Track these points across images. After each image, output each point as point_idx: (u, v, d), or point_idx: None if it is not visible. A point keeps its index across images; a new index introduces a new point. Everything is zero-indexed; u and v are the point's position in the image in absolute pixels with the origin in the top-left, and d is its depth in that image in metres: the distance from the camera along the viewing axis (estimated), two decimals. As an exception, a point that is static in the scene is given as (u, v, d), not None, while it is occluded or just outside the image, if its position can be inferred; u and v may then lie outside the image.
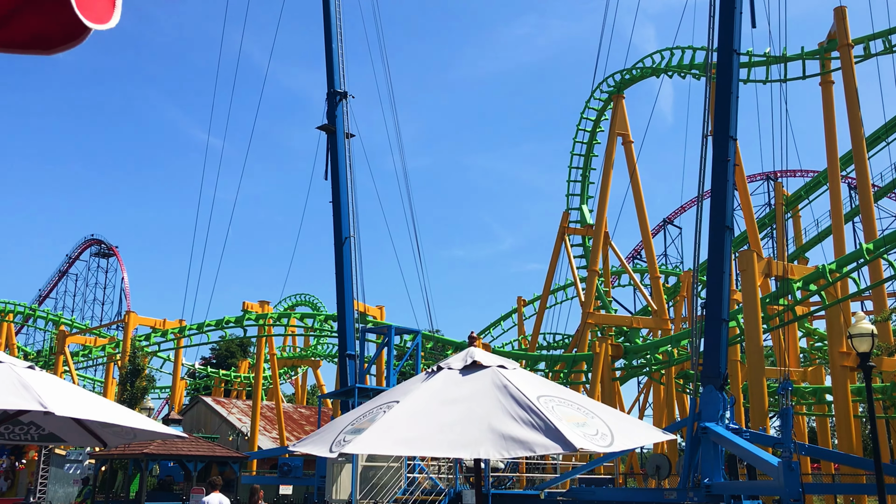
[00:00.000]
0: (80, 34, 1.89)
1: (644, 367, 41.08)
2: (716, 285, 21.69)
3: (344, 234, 31.16)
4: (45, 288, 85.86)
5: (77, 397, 6.67)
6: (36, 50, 1.94)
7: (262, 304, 47.93)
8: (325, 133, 31.82)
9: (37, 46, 1.93)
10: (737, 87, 22.85)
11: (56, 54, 1.96)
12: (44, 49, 1.93)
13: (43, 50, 1.93)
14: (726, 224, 21.93)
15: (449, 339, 42.95)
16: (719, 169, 22.20)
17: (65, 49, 1.92)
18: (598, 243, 41.97)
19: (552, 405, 5.42)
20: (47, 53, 1.94)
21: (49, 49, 1.93)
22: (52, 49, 1.93)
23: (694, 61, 40.19)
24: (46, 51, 1.93)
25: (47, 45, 1.91)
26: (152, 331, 47.72)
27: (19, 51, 1.94)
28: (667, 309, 43.19)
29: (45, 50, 1.93)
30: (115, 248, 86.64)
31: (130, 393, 36.28)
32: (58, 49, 1.92)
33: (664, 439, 6.59)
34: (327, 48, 32.57)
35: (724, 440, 20.12)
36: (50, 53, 1.95)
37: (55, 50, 1.93)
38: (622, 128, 42.52)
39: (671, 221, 73.36)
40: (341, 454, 5.46)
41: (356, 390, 28.72)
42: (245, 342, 66.49)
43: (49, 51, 1.94)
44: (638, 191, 41.96)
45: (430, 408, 5.65)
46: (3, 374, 6.11)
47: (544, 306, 46.68)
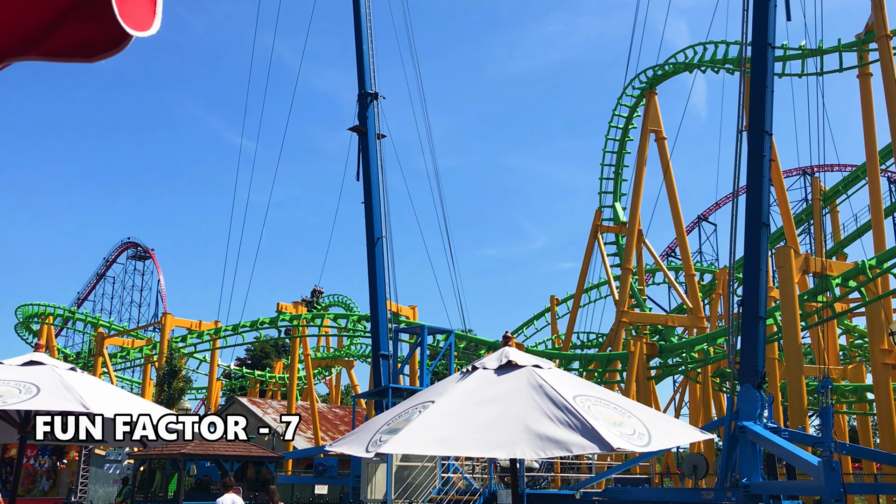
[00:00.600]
0: (121, 41, 1.91)
1: (680, 365, 40.68)
2: (752, 282, 21.43)
3: (376, 234, 31.28)
4: (83, 291, 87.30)
5: (117, 398, 6.78)
6: (79, 58, 1.97)
7: (296, 305, 48.30)
8: (356, 134, 31.97)
9: (80, 54, 1.95)
10: (772, 81, 22.54)
11: (98, 61, 1.99)
12: (87, 57, 1.95)
13: (86, 58, 1.96)
14: (762, 220, 21.66)
15: (482, 339, 42.92)
16: (755, 164, 21.93)
17: (107, 56, 1.95)
18: (631, 241, 41.63)
19: (588, 405, 5.39)
20: (90, 61, 1.97)
21: (92, 57, 1.96)
22: (94, 57, 1.95)
23: (728, 56, 39.71)
24: (89, 58, 1.96)
25: (90, 53, 1.94)
26: (188, 332, 48.33)
27: (63, 59, 1.98)
28: (702, 307, 42.71)
29: (88, 58, 1.96)
30: (151, 251, 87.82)
31: (168, 394, 36.84)
32: (100, 56, 1.95)
33: (701, 439, 6.53)
34: (358, 50, 32.72)
35: (763, 439, 19.87)
36: (92, 61, 1.97)
37: (98, 57, 1.96)
38: (655, 124, 42.13)
39: (706, 218, 72.53)
40: (377, 454, 5.49)
41: (390, 390, 28.82)
42: (279, 343, 67.03)
43: (92, 58, 1.96)
44: (671, 187, 41.56)
45: (465, 408, 5.65)
46: (47, 376, 6.24)
47: (578, 305, 46.43)
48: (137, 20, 1.88)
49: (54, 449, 29.72)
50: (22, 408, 6.07)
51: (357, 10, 32.76)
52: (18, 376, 6.23)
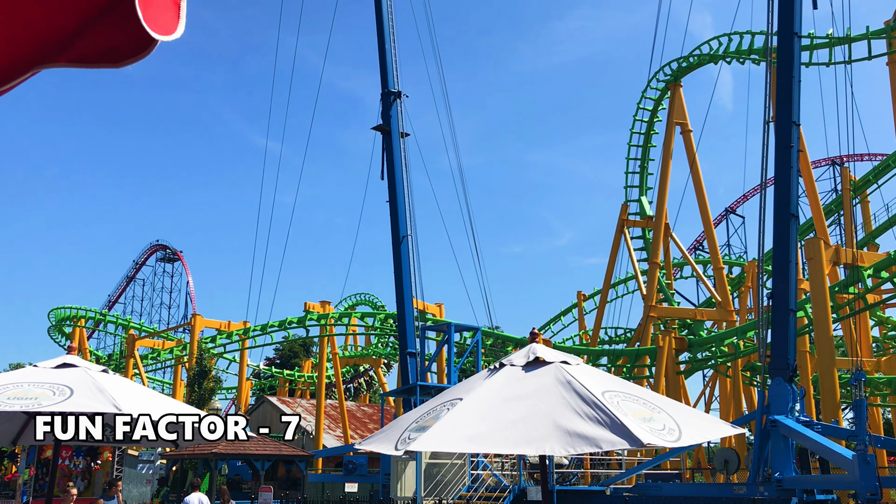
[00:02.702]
0: (147, 46, 1.92)
1: (709, 360, 40.34)
2: (782, 275, 21.22)
3: (401, 232, 31.35)
4: (114, 293, 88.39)
5: (149, 399, 6.86)
6: (106, 64, 1.98)
7: (323, 305, 48.54)
8: (380, 133, 32.06)
9: (106, 60, 1.97)
10: (798, 70, 22.27)
11: (124, 67, 2.00)
12: (113, 62, 1.97)
13: (112, 63, 1.97)
14: (791, 212, 21.42)
15: (509, 336, 42.85)
16: (782, 155, 21.69)
17: (133, 61, 1.96)
18: (658, 235, 41.33)
19: (618, 400, 5.37)
20: (117, 66, 1.98)
21: (118, 62, 1.97)
22: (121, 62, 1.97)
23: (753, 46, 39.26)
24: (116, 64, 1.97)
25: (117, 59, 1.95)
26: (217, 333, 48.75)
27: (90, 65, 1.99)
28: (731, 300, 42.31)
29: (114, 63, 1.97)
30: (179, 253, 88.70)
31: (198, 394, 37.18)
32: (127, 62, 1.96)
33: (733, 433, 6.47)
34: (380, 48, 32.80)
35: (795, 433, 19.67)
36: (119, 66, 1.99)
37: (124, 63, 1.97)
38: (680, 117, 41.78)
39: (733, 211, 71.83)
40: (407, 452, 5.50)
41: (418, 388, 28.89)
42: (308, 342, 67.41)
43: (118, 64, 1.97)
44: (698, 180, 41.19)
45: (494, 405, 5.64)
46: (80, 379, 6.33)
47: (605, 300, 46.19)
48: (162, 24, 1.89)
49: (88, 450, 30.14)
50: (56, 410, 6.16)
51: (379, 9, 32.83)
52: (52, 379, 6.33)
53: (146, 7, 1.84)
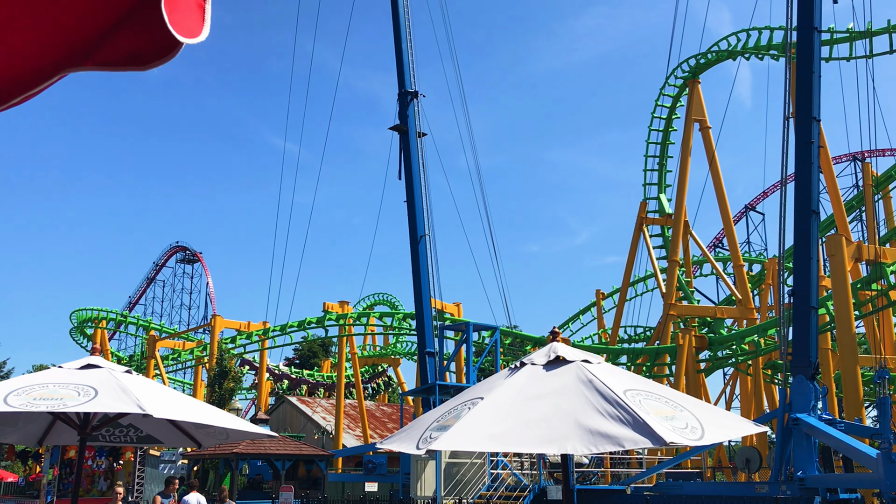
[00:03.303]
0: (172, 49, 1.94)
1: (730, 358, 40.07)
2: (803, 272, 21.04)
3: (419, 232, 31.39)
4: (134, 295, 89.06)
5: (172, 400, 6.91)
6: (132, 67, 2.00)
7: (342, 305, 48.67)
8: (397, 133, 32.12)
9: (133, 63, 1.99)
10: (819, 65, 22.07)
11: (150, 70, 2.02)
12: (139, 66, 1.98)
13: (138, 66, 1.99)
14: (812, 208, 21.24)
15: (527, 335, 42.78)
16: (803, 152, 21.51)
17: (159, 64, 1.98)
18: (677, 233, 41.10)
19: (639, 399, 5.34)
20: (142, 69, 2.00)
21: (144, 65, 1.99)
22: (146, 65, 1.98)
23: (772, 42, 38.94)
24: (142, 67, 1.99)
25: (143, 62, 1.97)
26: (237, 333, 49.01)
27: (116, 68, 2.01)
28: (752, 298, 41.99)
29: (140, 66, 1.99)
30: (199, 254, 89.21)
31: (219, 394, 37.42)
32: (152, 65, 1.98)
33: (756, 431, 6.43)
34: (397, 48, 32.86)
35: (818, 431, 19.50)
36: (145, 69, 2.00)
37: (150, 66, 1.99)
38: (699, 113, 41.50)
39: (753, 208, 71.29)
40: (428, 451, 5.50)
41: (437, 387, 28.92)
42: (327, 342, 67.65)
43: (144, 67, 1.99)
44: (717, 177, 40.91)
45: (515, 404, 5.63)
46: (104, 380, 6.39)
47: (624, 299, 45.99)
48: (187, 27, 1.91)
49: (111, 450, 30.42)
50: (81, 410, 6.22)
51: (395, 9, 32.88)
52: (77, 379, 6.39)
53: (171, 10, 1.86)
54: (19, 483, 36.38)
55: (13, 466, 43.62)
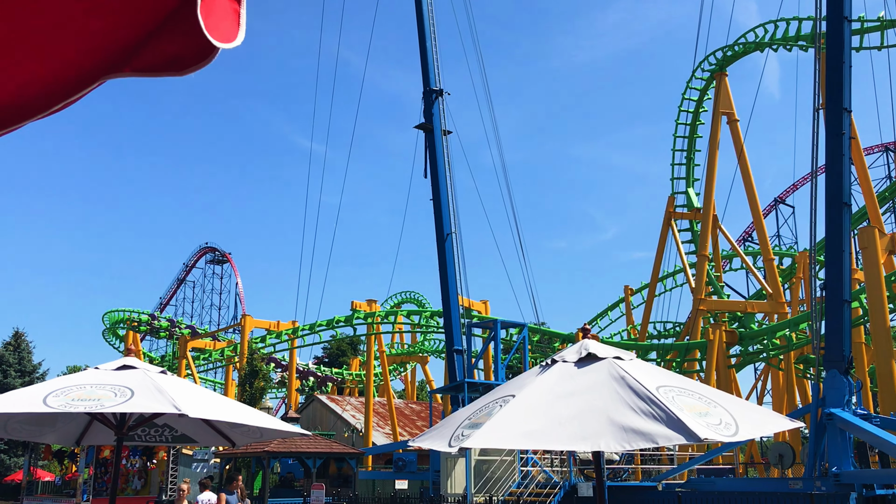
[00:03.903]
0: (209, 54, 1.95)
1: (761, 352, 39.63)
2: (835, 265, 20.76)
3: (445, 230, 31.40)
4: (165, 296, 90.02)
5: (207, 399, 6.98)
6: (169, 72, 2.02)
7: (369, 303, 48.84)
8: (422, 132, 32.15)
9: (170, 69, 2.01)
10: (849, 55, 21.76)
11: (187, 75, 2.04)
12: (177, 71, 2.01)
13: (176, 72, 2.01)
14: (844, 200, 20.95)
15: (556, 332, 42.63)
16: (833, 143, 21.21)
17: (196, 69, 1.99)
18: (706, 227, 40.71)
19: (672, 395, 5.31)
20: (180, 74, 2.02)
21: (181, 70, 2.01)
22: (184, 70, 2.00)
23: (800, 33, 38.43)
24: (179, 72, 2.01)
25: (180, 67, 1.99)
26: (267, 333, 49.36)
27: (154, 74, 2.04)
28: (783, 292, 41.49)
29: (177, 72, 2.01)
30: (228, 255, 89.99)
31: (249, 393, 37.71)
32: (189, 70, 2.00)
33: (791, 427, 6.36)
34: (421, 47, 32.89)
35: (852, 426, 19.24)
36: (182, 74, 2.02)
37: (187, 71, 2.01)
38: (727, 106, 41.06)
39: (783, 200, 70.46)
40: (461, 448, 5.51)
41: (465, 385, 28.93)
42: (355, 340, 67.94)
43: (181, 72, 2.01)
44: (746, 170, 40.46)
45: (546, 401, 5.62)
46: (140, 380, 6.47)
47: (653, 294, 45.65)
48: (223, 32, 1.93)
49: (144, 449, 30.81)
50: (118, 410, 6.31)
51: (419, 8, 32.91)
52: (113, 380, 6.48)
53: (207, 15, 1.88)
54: (56, 482, 37.02)
55: (50, 466, 44.38)
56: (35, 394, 6.22)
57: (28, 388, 6.64)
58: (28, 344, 59.50)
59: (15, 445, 53.23)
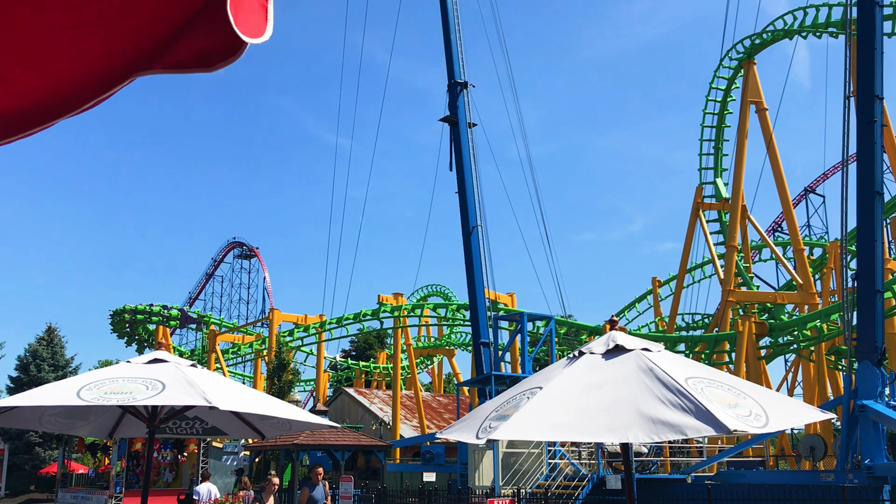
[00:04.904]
0: (238, 50, 1.97)
1: (791, 344, 39.21)
2: (868, 254, 20.47)
3: (471, 223, 31.39)
4: (194, 291, 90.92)
5: (237, 392, 7.06)
6: (199, 69, 2.04)
7: (396, 297, 48.98)
8: (448, 124, 32.14)
9: (199, 65, 2.02)
10: (881, 41, 21.40)
11: (216, 70, 2.06)
12: (206, 67, 2.02)
13: (205, 68, 2.03)
14: (876, 189, 20.64)
15: (583, 324, 42.48)
16: (865, 131, 20.89)
17: (225, 65, 2.01)
18: (735, 217, 40.29)
19: (701, 387, 5.27)
20: (209, 70, 2.04)
21: (210, 67, 2.02)
22: (213, 66, 2.02)
23: (830, 19, 37.85)
24: (208, 68, 2.03)
25: (209, 63, 2.00)
26: (295, 326, 49.70)
27: (183, 71, 2.06)
28: (813, 282, 40.97)
29: (206, 68, 2.03)
30: (256, 250, 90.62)
31: (278, 386, 38.03)
32: (218, 66, 2.01)
33: (822, 418, 6.29)
34: (446, 39, 32.84)
35: (885, 418, 19.00)
36: (211, 70, 2.04)
37: (216, 67, 2.02)
38: (755, 95, 40.56)
39: (813, 190, 69.57)
40: (488, 440, 5.52)
41: (492, 378, 28.94)
42: (382, 334, 68.19)
43: (210, 68, 2.03)
44: (775, 160, 39.96)
45: (574, 393, 5.61)
46: (171, 373, 6.56)
47: (681, 286, 45.30)
48: (251, 27, 1.94)
49: (175, 442, 31.21)
50: (149, 403, 6.40)
51: (444, 0, 32.85)
52: (145, 374, 6.57)
53: (236, 11, 1.90)
54: (90, 475, 37.62)
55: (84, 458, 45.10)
56: (68, 387, 6.33)
57: (61, 382, 6.76)
58: (61, 339, 60.41)
59: (49, 439, 54.16)
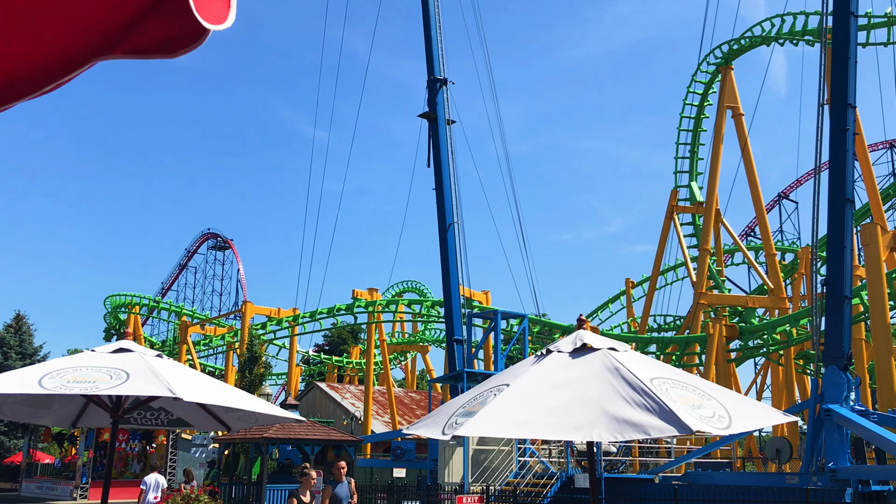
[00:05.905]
0: (200, 36, 1.96)
1: (761, 347, 39.68)
2: (837, 261, 20.75)
3: (448, 220, 31.39)
4: (166, 281, 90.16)
5: (202, 384, 7.01)
6: (160, 54, 2.02)
7: (371, 292, 48.89)
8: (426, 121, 32.09)
9: (161, 51, 2.01)
10: (855, 51, 21.68)
11: (178, 57, 2.04)
12: (167, 53, 2.01)
13: (167, 54, 2.01)
14: (847, 196, 20.92)
15: (556, 323, 42.67)
16: (838, 139, 21.16)
17: (187, 51, 2.00)
18: (709, 221, 40.67)
19: (666, 387, 5.32)
20: (171, 57, 2.02)
21: (172, 53, 2.01)
22: (175, 52, 2.00)
23: (807, 27, 38.28)
24: (170, 54, 2.01)
25: (171, 49, 1.99)
26: (268, 319, 49.44)
27: (145, 56, 2.04)
28: (784, 287, 41.49)
29: (168, 54, 2.01)
30: (230, 241, 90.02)
31: (249, 380, 37.79)
32: (180, 52, 2.00)
33: (784, 421, 6.37)
34: (426, 36, 32.78)
35: (850, 422, 19.27)
36: (173, 56, 2.03)
37: (178, 53, 2.01)
38: (732, 100, 40.94)
39: (786, 196, 70.34)
40: (454, 436, 5.53)
41: (465, 375, 28.99)
42: (356, 329, 68.05)
43: (172, 54, 2.01)
44: (750, 165, 40.37)
45: (540, 391, 5.63)
46: (135, 363, 6.50)
47: (654, 287, 45.66)
48: (213, 14, 1.93)
49: (144, 433, 30.95)
50: (113, 392, 6.33)
51: (425, -5, 32.78)
52: (109, 363, 6.51)
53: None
54: (56, 465, 37.18)
55: (50, 448, 44.55)
56: (30, 375, 6.25)
57: (24, 370, 6.66)
58: (29, 327, 59.62)
59: (15, 427, 53.45)
